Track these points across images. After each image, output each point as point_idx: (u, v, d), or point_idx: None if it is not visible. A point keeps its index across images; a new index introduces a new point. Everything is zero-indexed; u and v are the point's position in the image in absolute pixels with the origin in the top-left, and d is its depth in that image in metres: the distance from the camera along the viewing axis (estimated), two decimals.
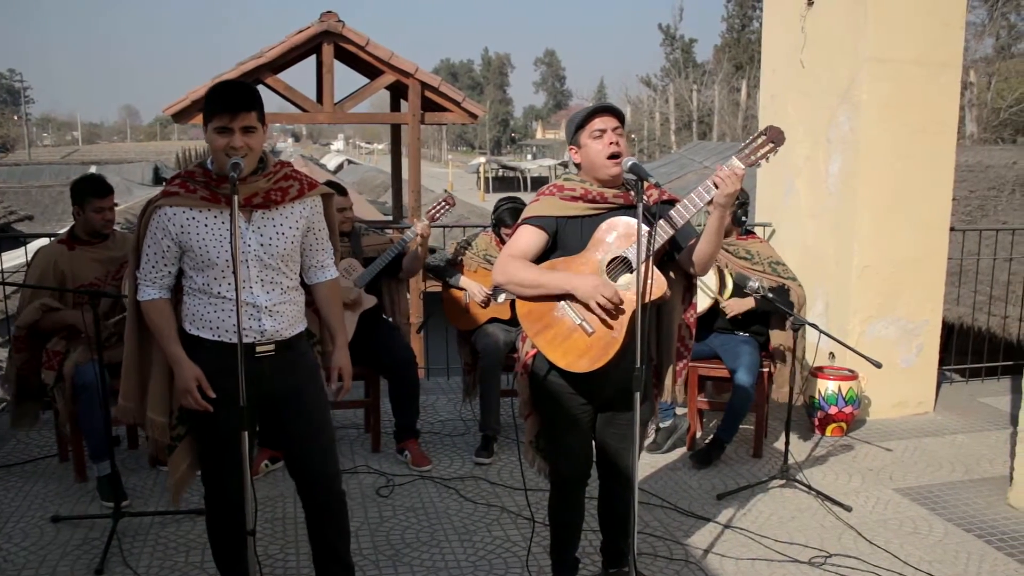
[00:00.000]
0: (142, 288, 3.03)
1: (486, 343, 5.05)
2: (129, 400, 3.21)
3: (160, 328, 3.01)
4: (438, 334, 6.59)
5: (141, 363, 3.18)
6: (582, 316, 3.03)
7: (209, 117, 2.88)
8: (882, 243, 5.71)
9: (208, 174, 2.97)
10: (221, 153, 2.88)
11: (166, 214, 2.94)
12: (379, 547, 4.00)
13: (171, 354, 3.00)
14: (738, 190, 2.99)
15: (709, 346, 5.14)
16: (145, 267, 3.02)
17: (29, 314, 4.53)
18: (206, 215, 2.95)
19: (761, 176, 6.77)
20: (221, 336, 3.01)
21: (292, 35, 9.38)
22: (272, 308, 3.03)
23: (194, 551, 3.93)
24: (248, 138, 2.89)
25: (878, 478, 4.87)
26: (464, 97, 9.93)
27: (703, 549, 3.99)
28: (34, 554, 3.92)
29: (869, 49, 5.52)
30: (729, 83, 45.70)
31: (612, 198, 3.15)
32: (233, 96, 2.88)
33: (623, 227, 3.08)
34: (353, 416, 5.71)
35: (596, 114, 3.12)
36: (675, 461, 5.07)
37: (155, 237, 2.97)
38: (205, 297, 3.00)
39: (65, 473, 4.81)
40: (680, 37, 56.34)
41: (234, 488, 3.02)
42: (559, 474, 3.41)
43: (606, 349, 3.03)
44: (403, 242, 5.02)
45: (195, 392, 2.96)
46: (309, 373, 3.20)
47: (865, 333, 5.77)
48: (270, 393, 3.07)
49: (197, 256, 2.95)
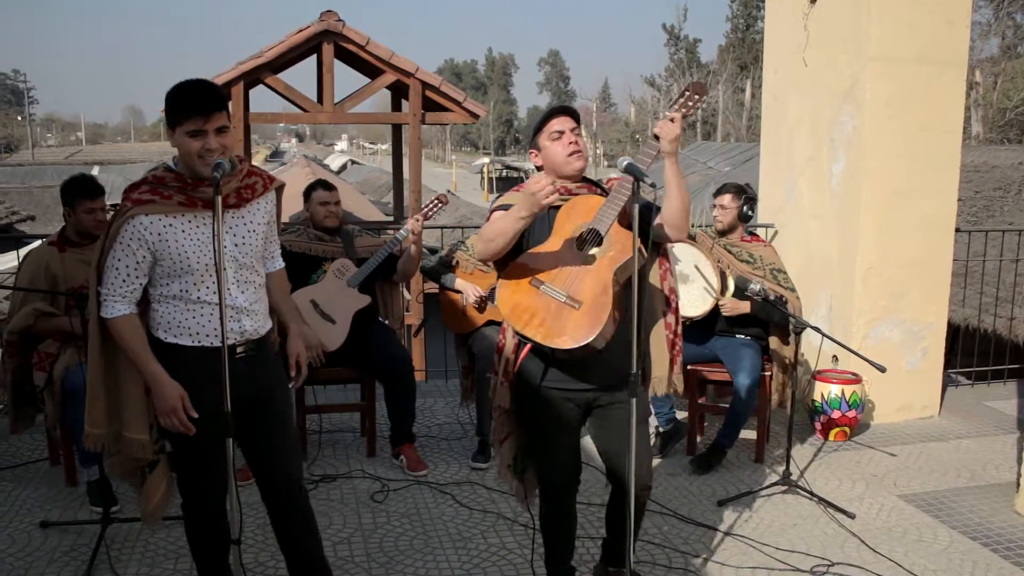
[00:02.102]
0: (109, 304, 2.87)
1: (483, 346, 4.97)
2: (98, 427, 3.03)
3: (134, 345, 2.87)
4: (436, 337, 6.53)
5: (107, 386, 3.03)
6: (566, 291, 3.00)
7: (178, 121, 2.75)
8: (886, 244, 5.63)
9: (180, 178, 2.85)
10: (194, 156, 2.77)
11: (141, 223, 2.80)
12: (372, 554, 3.92)
13: (150, 373, 2.86)
14: (678, 136, 3.06)
15: (710, 349, 5.06)
16: (114, 282, 2.86)
17: (21, 319, 4.45)
18: (182, 221, 2.84)
19: (764, 176, 6.70)
20: (202, 341, 2.91)
21: (292, 34, 9.34)
22: (249, 308, 2.99)
23: (183, 558, 3.86)
24: (222, 138, 2.79)
25: (882, 484, 4.78)
26: (465, 97, 9.88)
27: (703, 557, 3.92)
28: (21, 560, 3.86)
29: (873, 48, 5.44)
30: (733, 83, 45.65)
31: (575, 190, 3.21)
32: (203, 97, 2.76)
33: (580, 204, 3.14)
34: (349, 420, 5.63)
35: (552, 115, 3.18)
36: (675, 466, 4.99)
37: (129, 248, 2.82)
38: (182, 304, 2.89)
39: (56, 477, 4.75)
40: (684, 37, 56.22)
41: (217, 495, 2.94)
42: (549, 484, 3.33)
43: (599, 315, 2.97)
44: (396, 241, 4.95)
45: (180, 413, 2.85)
46: (278, 372, 3.16)
47: (869, 336, 5.69)
48: (247, 394, 2.98)
49: (174, 263, 2.84)
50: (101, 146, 63.60)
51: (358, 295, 4.88)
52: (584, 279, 3.03)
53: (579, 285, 3.03)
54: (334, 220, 4.99)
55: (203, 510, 3.07)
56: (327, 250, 4.97)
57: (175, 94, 2.77)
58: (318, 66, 9.90)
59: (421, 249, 4.94)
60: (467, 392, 5.28)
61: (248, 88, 9.36)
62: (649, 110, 51.27)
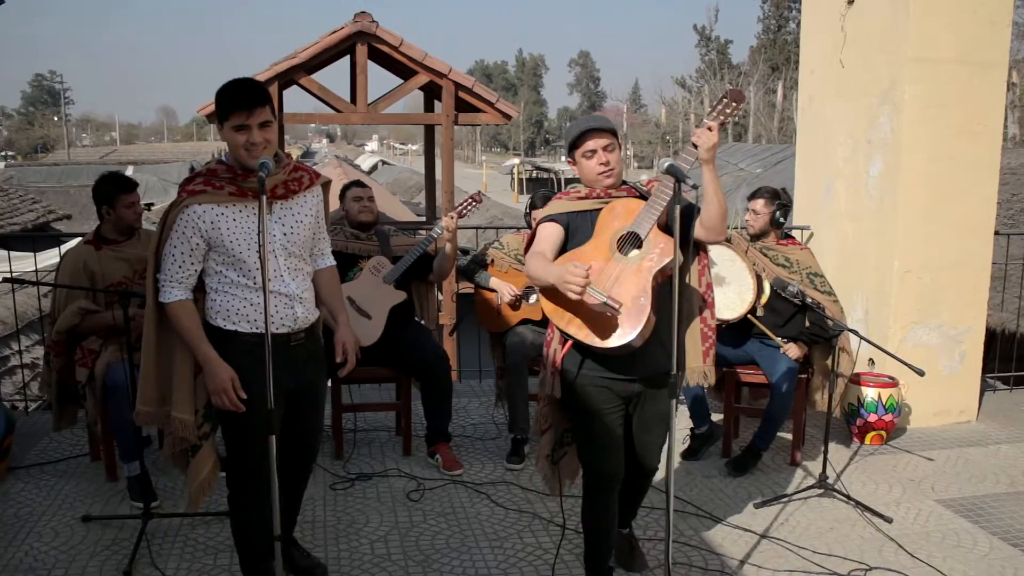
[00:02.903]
0: (166, 289, 3.06)
1: (513, 343, 4.99)
2: (148, 404, 3.25)
3: (190, 329, 3.04)
4: (470, 336, 6.55)
5: (160, 367, 3.20)
6: (606, 294, 3.06)
7: (225, 116, 2.96)
8: (924, 247, 5.58)
9: (232, 170, 3.04)
10: (241, 149, 2.97)
11: (195, 212, 2.99)
12: (409, 552, 3.94)
13: (203, 354, 3.03)
14: (715, 144, 3.14)
15: (746, 351, 5.04)
16: (171, 268, 3.04)
17: (67, 318, 4.50)
18: (233, 211, 3.02)
19: (799, 178, 6.66)
20: (259, 327, 3.07)
21: (326, 36, 9.38)
22: (301, 296, 3.17)
23: (222, 553, 3.91)
24: (265, 132, 2.97)
25: (919, 489, 4.75)
26: (498, 97, 9.88)
27: (739, 560, 3.91)
28: (64, 553, 3.92)
29: (911, 48, 5.40)
30: (765, 84, 45.36)
31: (615, 194, 3.34)
32: (247, 93, 2.95)
33: (620, 207, 3.26)
34: (384, 419, 5.67)
35: (586, 136, 3.29)
36: (710, 468, 4.98)
37: (184, 236, 3.01)
38: (239, 291, 3.07)
39: (96, 472, 4.81)
40: (715, 38, 56.02)
41: (265, 480, 3.01)
42: (594, 474, 3.41)
43: (638, 316, 3.10)
44: (431, 238, 4.98)
45: (231, 392, 3.01)
46: (322, 360, 3.39)
47: (906, 339, 5.64)
48: (297, 380, 3.20)
49: (227, 250, 3.02)
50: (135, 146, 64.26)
51: (394, 291, 4.91)
52: (624, 281, 3.14)
53: (619, 287, 3.13)
54: (369, 215, 5.03)
55: (251, 495, 3.20)
56: (363, 248, 5.00)
57: (222, 91, 2.97)
58: (351, 67, 9.93)
59: (457, 247, 4.96)
60: (502, 391, 5.29)
61: (282, 89, 9.41)
62: (680, 111, 51.03)
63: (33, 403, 7.01)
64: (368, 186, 5.18)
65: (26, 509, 4.38)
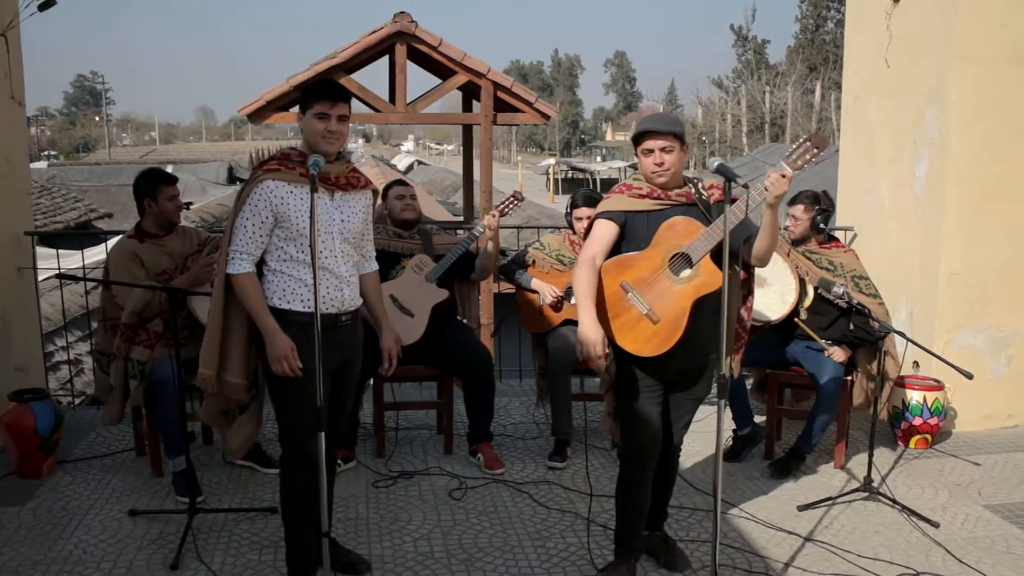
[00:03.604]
0: (236, 261, 3.29)
1: (556, 345, 4.98)
2: (209, 368, 3.47)
3: (254, 299, 3.29)
4: (511, 336, 6.55)
5: (223, 333, 3.43)
6: (649, 305, 3.32)
7: (309, 105, 3.28)
8: (971, 249, 5.51)
9: (303, 156, 3.34)
10: (318, 136, 3.29)
11: (268, 187, 3.27)
12: (451, 551, 3.96)
13: (266, 325, 3.27)
14: (785, 192, 3.24)
15: (790, 353, 5.00)
16: (241, 239, 3.29)
17: (139, 297, 4.46)
18: (301, 191, 3.29)
19: (842, 179, 6.60)
20: (309, 307, 3.26)
21: (365, 36, 9.43)
22: (349, 279, 3.43)
23: (267, 549, 3.94)
24: (341, 125, 3.31)
25: (966, 493, 4.68)
26: (537, 97, 9.88)
27: (783, 562, 3.88)
28: (112, 547, 3.97)
29: (959, 47, 5.33)
30: (803, 84, 44.93)
31: (674, 196, 3.46)
32: (332, 88, 3.36)
33: (681, 225, 3.38)
34: (425, 417, 5.69)
35: (645, 136, 3.41)
36: (752, 470, 4.95)
37: (255, 209, 3.27)
38: (296, 269, 3.30)
39: (142, 467, 4.88)
40: (752, 38, 55.54)
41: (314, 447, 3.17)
42: (631, 448, 3.59)
43: (670, 336, 3.32)
44: (473, 236, 4.99)
45: (291, 360, 3.23)
46: (361, 345, 3.60)
47: (951, 342, 5.57)
48: (341, 358, 3.43)
49: (292, 225, 3.27)
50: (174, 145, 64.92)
51: (436, 289, 4.93)
52: (668, 298, 3.35)
53: (662, 302, 3.35)
54: (412, 212, 5.05)
55: (301, 462, 3.35)
56: (406, 246, 5.02)
57: (310, 85, 3.38)
58: (390, 67, 9.97)
59: (499, 245, 4.96)
60: (543, 392, 5.29)
61: None
62: (716, 111, 50.73)
63: (77, 398, 7.11)
64: (410, 185, 5.21)
65: (74, 502, 4.45)
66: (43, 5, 4.85)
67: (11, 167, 5.37)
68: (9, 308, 5.25)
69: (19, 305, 5.42)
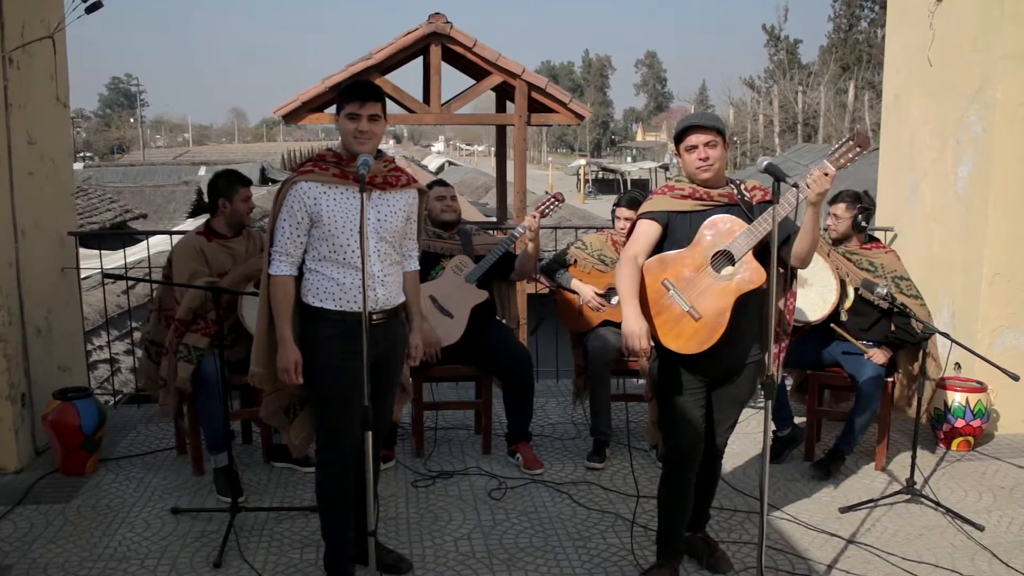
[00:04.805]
0: (276, 262, 3.38)
1: (596, 346, 4.97)
2: (260, 366, 3.53)
3: (282, 305, 3.37)
4: (548, 336, 6.55)
5: (271, 332, 3.47)
6: (690, 303, 3.34)
7: (342, 106, 3.32)
8: (1015, 250, 5.43)
9: (338, 156, 3.39)
10: (350, 136, 3.32)
11: (302, 188, 3.32)
12: (492, 551, 3.96)
13: (281, 332, 3.37)
14: (827, 190, 3.25)
15: (830, 354, 4.97)
16: (280, 239, 3.36)
17: (196, 294, 4.49)
18: (335, 191, 3.34)
19: (882, 179, 6.54)
20: (343, 306, 3.36)
21: (400, 37, 9.48)
22: (383, 279, 3.42)
23: (308, 548, 3.96)
24: (372, 125, 3.32)
25: (1011, 497, 4.62)
26: (571, 98, 9.89)
27: (826, 564, 3.85)
28: (156, 544, 4.02)
29: (1005, 46, 5.26)
30: (835, 84, 44.55)
31: (717, 196, 3.47)
32: (362, 88, 3.38)
33: (723, 224, 3.40)
34: (463, 417, 5.70)
35: (689, 131, 3.43)
36: (793, 472, 4.91)
37: (291, 210, 3.33)
38: (329, 269, 3.35)
39: (183, 466, 4.93)
40: (785, 38, 55.23)
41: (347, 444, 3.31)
42: (673, 449, 3.59)
43: (711, 334, 3.34)
44: (513, 237, 4.99)
45: (291, 373, 3.36)
46: (400, 341, 3.62)
47: (994, 344, 5.50)
48: (375, 354, 3.37)
49: (326, 227, 3.31)
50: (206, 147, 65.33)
51: (476, 290, 4.93)
52: (709, 296, 3.35)
53: (703, 300, 3.35)
54: (452, 214, 5.06)
55: (335, 455, 3.43)
56: (446, 247, 5.03)
57: (344, 86, 3.41)
58: (425, 67, 10.01)
59: (539, 246, 4.96)
60: (579, 391, 5.29)
61: None
62: (748, 112, 50.40)
63: (116, 396, 7.18)
64: (451, 185, 5.23)
65: (117, 500, 4.50)
66: (91, 7, 4.89)
67: (56, 168, 5.44)
68: (53, 308, 5.31)
69: (63, 305, 5.48)
